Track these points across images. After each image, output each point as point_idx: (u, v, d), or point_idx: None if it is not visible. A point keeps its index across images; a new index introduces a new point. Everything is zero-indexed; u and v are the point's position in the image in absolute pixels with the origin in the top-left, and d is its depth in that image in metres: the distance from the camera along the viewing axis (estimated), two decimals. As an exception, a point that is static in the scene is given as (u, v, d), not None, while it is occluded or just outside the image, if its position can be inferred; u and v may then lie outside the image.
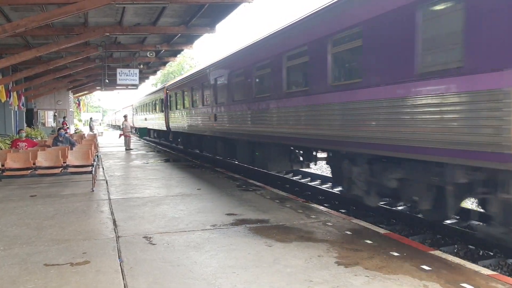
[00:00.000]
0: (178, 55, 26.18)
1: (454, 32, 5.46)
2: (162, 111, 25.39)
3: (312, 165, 11.97)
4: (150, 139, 35.00)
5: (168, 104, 23.77)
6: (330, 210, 8.14)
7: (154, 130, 31.15)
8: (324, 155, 10.77)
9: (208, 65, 16.09)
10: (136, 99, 42.14)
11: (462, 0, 5.31)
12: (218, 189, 10.19)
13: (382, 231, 6.49)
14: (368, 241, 5.79)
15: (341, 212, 8.82)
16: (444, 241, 7.67)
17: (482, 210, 6.62)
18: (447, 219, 7.44)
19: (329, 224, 6.75)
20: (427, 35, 5.87)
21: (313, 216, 7.26)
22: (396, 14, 6.31)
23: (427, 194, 6.60)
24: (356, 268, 4.77)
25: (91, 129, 41.41)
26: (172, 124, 23.18)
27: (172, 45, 20.10)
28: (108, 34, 16.08)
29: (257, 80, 11.47)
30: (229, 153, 15.46)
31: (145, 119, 33.51)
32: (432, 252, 5.45)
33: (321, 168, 18.20)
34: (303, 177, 14.56)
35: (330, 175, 11.27)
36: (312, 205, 8.38)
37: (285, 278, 4.52)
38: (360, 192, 7.99)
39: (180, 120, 21.04)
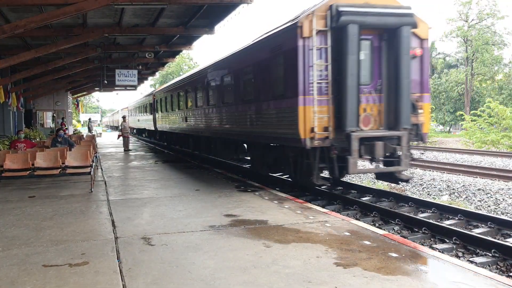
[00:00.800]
0: (177, 56, 26.20)
1: (282, 76, 9.79)
2: (151, 114, 29.02)
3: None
4: (147, 139, 36.88)
5: (155, 107, 27.54)
6: (328, 211, 8.15)
7: (145, 130, 35.43)
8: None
9: (178, 80, 22.27)
10: (131, 102, 46.11)
11: (282, 61, 9.69)
12: (216, 190, 10.19)
13: (380, 231, 6.50)
14: (367, 242, 5.79)
15: (340, 213, 8.83)
16: (443, 241, 7.69)
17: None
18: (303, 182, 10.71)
19: (328, 225, 6.75)
20: (274, 76, 10.23)
21: (312, 217, 7.26)
22: (262, 63, 10.86)
23: (287, 164, 10.89)
24: (355, 269, 4.78)
25: (89, 130, 41.39)
26: (158, 125, 27.04)
27: (171, 46, 20.09)
28: (107, 35, 16.06)
29: (206, 93, 16.02)
30: (197, 147, 19.77)
31: (138, 120, 37.27)
32: (430, 252, 5.46)
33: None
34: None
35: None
36: (311, 206, 8.39)
37: (283, 279, 4.53)
38: (258, 167, 12.74)
39: (163, 121, 25.18)
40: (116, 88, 33.01)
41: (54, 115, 33.43)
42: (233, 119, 13.05)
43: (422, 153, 12.14)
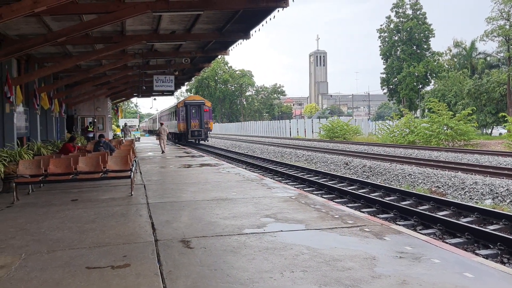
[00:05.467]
0: (212, 61, 26.52)
1: (176, 115, 44.20)
2: (158, 123, 52.56)
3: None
4: (181, 143, 44.24)
5: (158, 120, 54.88)
6: (367, 215, 8.04)
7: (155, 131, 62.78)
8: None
9: (163, 110, 62.80)
10: (153, 115, 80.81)
11: (176, 112, 43.14)
12: (252, 194, 10.21)
13: (422, 237, 6.35)
14: (408, 247, 5.67)
15: (379, 218, 8.70)
16: (486, 247, 7.46)
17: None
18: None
19: (367, 230, 6.66)
20: (175, 115, 43.53)
21: (350, 222, 7.18)
22: (173, 111, 46.29)
23: (180, 138, 42.09)
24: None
25: (125, 135, 41.95)
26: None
27: (207, 52, 20.34)
28: (145, 42, 16.40)
29: (169, 117, 50.03)
30: (175, 139, 45.37)
31: (153, 126, 71.72)
32: (474, 258, 5.30)
33: (357, 173, 17.97)
34: (340, 182, 14.44)
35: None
36: (352, 211, 8.29)
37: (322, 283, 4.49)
38: (177, 141, 43.85)
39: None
40: (153, 93, 36.74)
41: (95, 120, 34.32)
42: (173, 126, 43.33)
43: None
